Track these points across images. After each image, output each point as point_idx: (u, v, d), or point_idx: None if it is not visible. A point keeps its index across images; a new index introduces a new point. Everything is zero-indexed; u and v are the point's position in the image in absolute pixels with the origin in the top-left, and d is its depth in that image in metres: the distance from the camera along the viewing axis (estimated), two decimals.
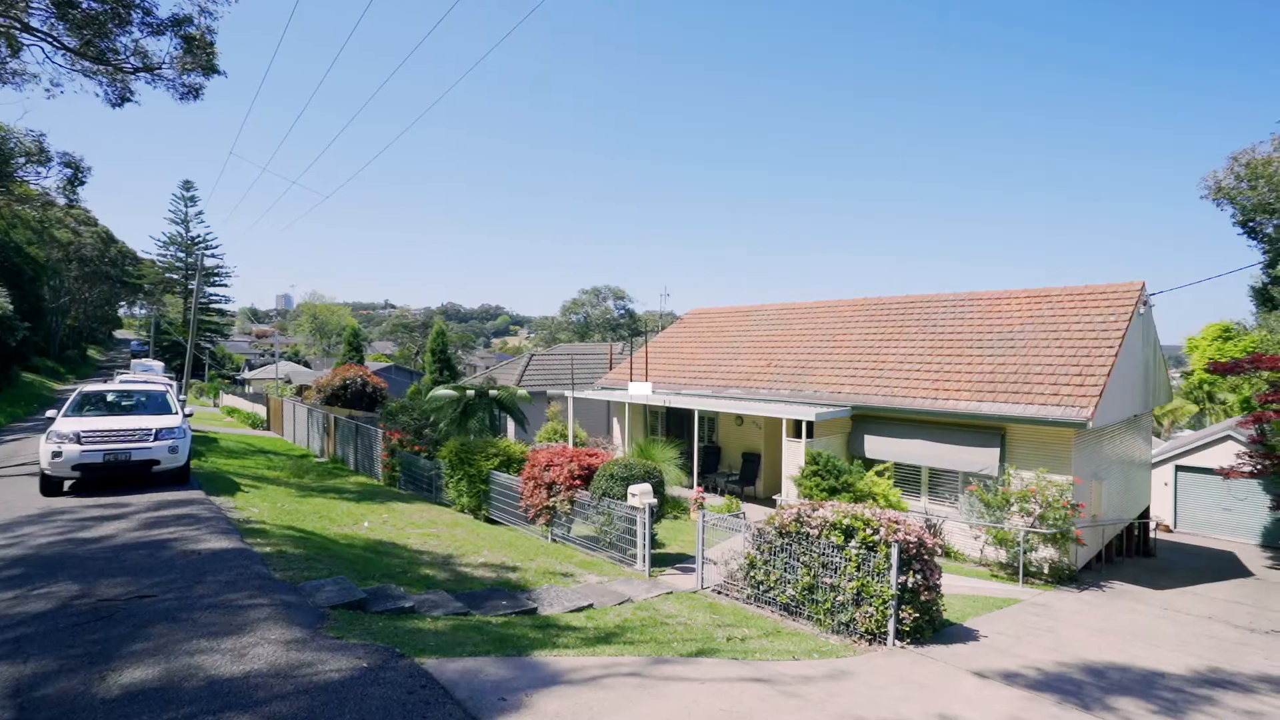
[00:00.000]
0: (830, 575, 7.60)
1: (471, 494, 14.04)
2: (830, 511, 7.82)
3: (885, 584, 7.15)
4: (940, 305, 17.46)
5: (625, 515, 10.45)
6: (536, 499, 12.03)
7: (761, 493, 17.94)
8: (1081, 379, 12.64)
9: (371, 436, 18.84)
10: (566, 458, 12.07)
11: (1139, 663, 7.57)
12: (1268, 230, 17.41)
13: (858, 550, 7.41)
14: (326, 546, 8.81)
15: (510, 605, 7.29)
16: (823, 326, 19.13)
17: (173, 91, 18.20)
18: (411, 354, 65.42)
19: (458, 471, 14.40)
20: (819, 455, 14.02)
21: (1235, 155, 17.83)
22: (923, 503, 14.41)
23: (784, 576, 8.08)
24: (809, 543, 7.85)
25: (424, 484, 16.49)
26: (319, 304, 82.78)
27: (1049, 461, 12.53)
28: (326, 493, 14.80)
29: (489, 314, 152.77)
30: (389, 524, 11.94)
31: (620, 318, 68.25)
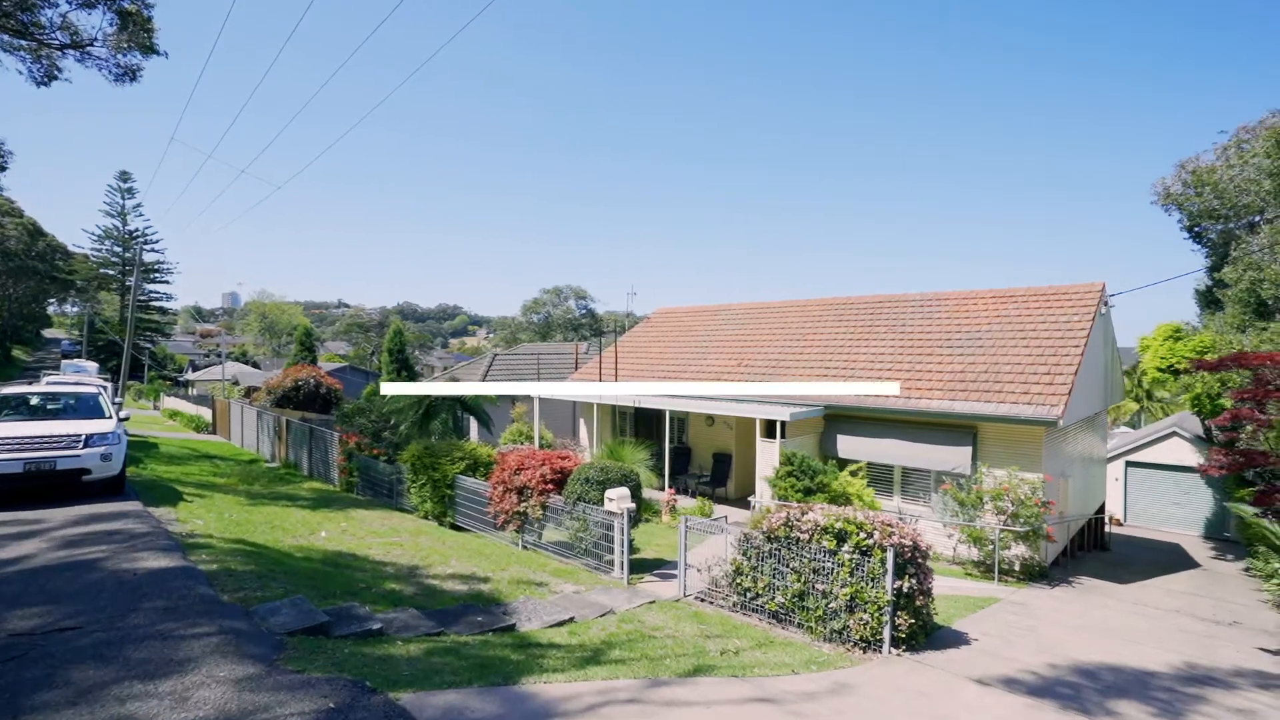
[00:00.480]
0: (822, 581, 7.29)
1: (436, 499, 13.33)
2: (821, 515, 7.51)
3: (880, 590, 6.87)
4: (908, 305, 17.50)
5: (602, 521, 9.97)
6: (506, 504, 11.44)
7: (733, 494, 17.67)
8: (1050, 378, 12.73)
9: (326, 440, 17.85)
10: (538, 461, 11.51)
11: (1126, 661, 7.49)
12: (1212, 235, 18.04)
13: (851, 555, 7.11)
14: (281, 561, 8.07)
15: (486, 621, 6.73)
16: (792, 326, 18.99)
17: (106, 72, 16.87)
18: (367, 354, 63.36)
19: (421, 476, 13.66)
20: (793, 455, 13.79)
21: (1183, 163, 18.46)
22: (895, 501, 14.34)
23: (773, 583, 7.74)
24: (799, 548, 7.52)
25: (384, 489, 15.65)
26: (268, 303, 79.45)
27: (1019, 460, 12.56)
28: (279, 500, 13.86)
29: (446, 314, 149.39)
30: (348, 533, 11.17)
31: (582, 317, 67.54)
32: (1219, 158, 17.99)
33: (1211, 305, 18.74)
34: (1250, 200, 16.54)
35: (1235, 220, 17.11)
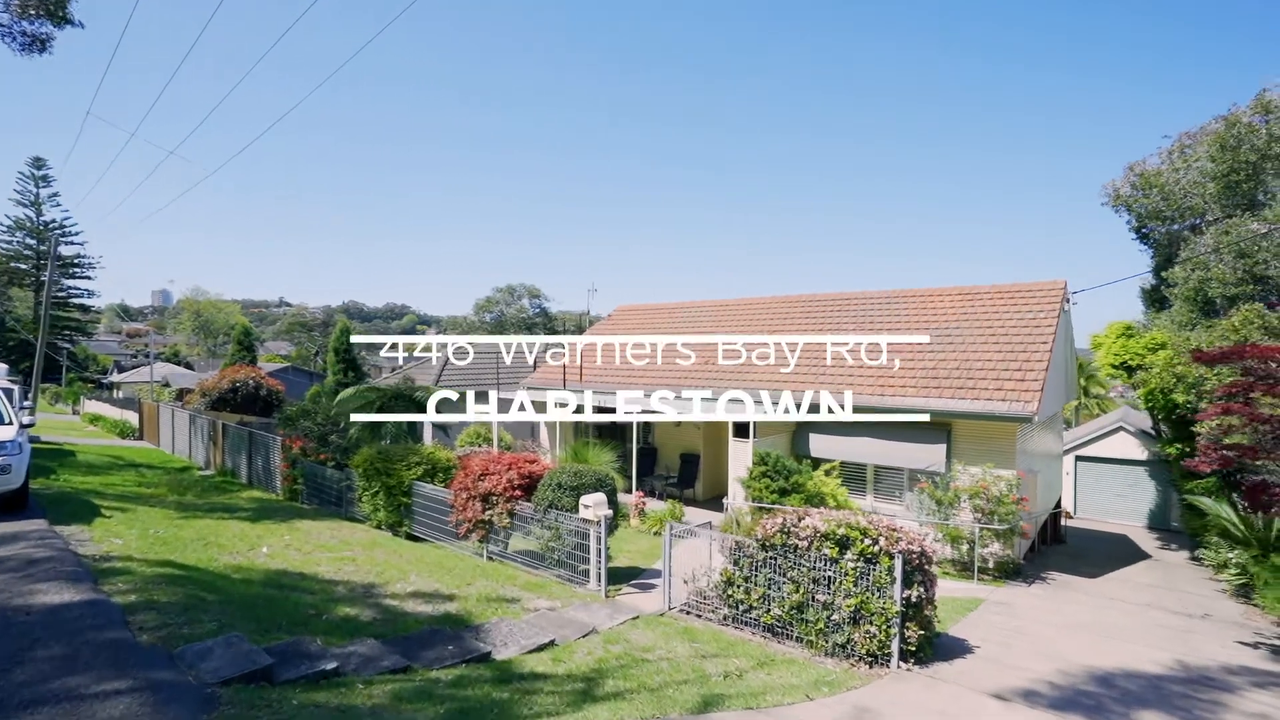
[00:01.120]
0: (823, 592, 6.73)
1: (390, 508, 12.28)
2: (820, 520, 6.96)
3: (888, 600, 6.35)
4: (873, 302, 17.32)
5: (576, 529, 9.20)
6: (470, 513, 10.53)
7: (701, 495, 17.13)
8: (1022, 374, 12.62)
9: (268, 445, 16.44)
10: (504, 465, 10.65)
11: (1127, 664, 7.21)
12: (1159, 236, 18.54)
13: (855, 563, 6.57)
14: (214, 585, 7.01)
15: (458, 650, 5.89)
16: (759, 323, 18.59)
17: (10, 40, 15.05)
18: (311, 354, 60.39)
19: (374, 483, 12.57)
20: (767, 455, 13.32)
21: (1131, 165, 18.94)
22: (869, 501, 14.04)
23: (768, 595, 7.15)
24: (797, 556, 6.95)
25: (332, 497, 14.44)
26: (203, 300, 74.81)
27: (993, 457, 12.40)
28: (214, 512, 12.54)
29: (394, 313, 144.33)
30: (293, 548, 10.06)
31: (535, 316, 66.15)
32: (1163, 162, 18.51)
33: (1157, 304, 19.28)
34: (1195, 203, 17.02)
35: (1180, 222, 17.61)
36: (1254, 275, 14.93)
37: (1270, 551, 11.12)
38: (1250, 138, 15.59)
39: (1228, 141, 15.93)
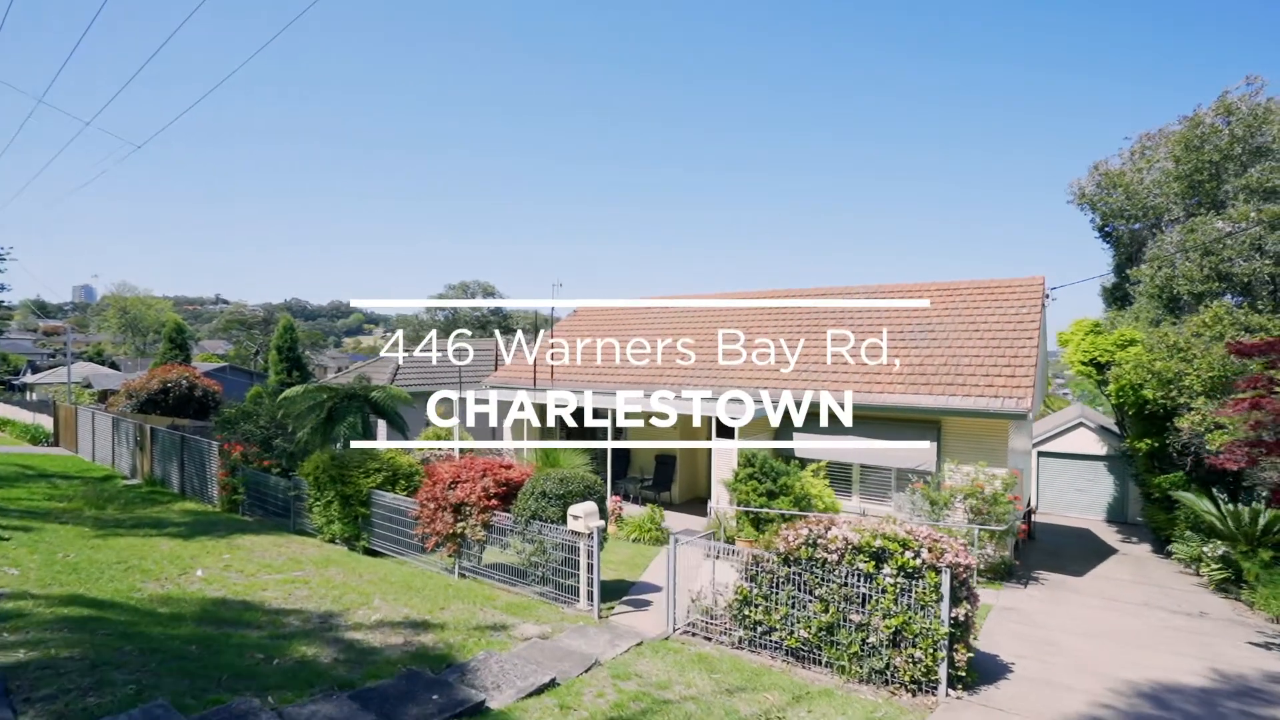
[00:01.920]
0: (857, 611, 5.96)
1: (346, 520, 10.97)
2: (851, 531, 6.18)
3: (934, 620, 5.62)
4: (851, 297, 16.84)
5: (563, 542, 8.20)
6: (439, 525, 9.39)
7: (677, 498, 16.30)
8: (1012, 370, 12.27)
9: (203, 450, 14.76)
10: (477, 471, 9.55)
11: (1169, 676, 6.71)
12: (1122, 234, 18.71)
13: (894, 579, 5.82)
14: (135, 627, 5.73)
15: (445, 701, 4.84)
16: (732, 320, 17.90)
17: None
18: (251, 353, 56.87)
19: (327, 492, 11.23)
20: (754, 456, 12.58)
21: (1096, 164, 19.06)
22: (854, 501, 13.48)
23: (792, 614, 6.33)
24: (826, 571, 6.16)
25: (278, 508, 12.98)
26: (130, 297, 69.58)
27: (985, 455, 11.99)
28: (139, 529, 10.98)
29: (340, 311, 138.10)
30: (234, 569, 8.72)
31: (490, 314, 64.17)
32: (1124, 162, 18.69)
33: (1118, 302, 19.48)
34: (1158, 202, 17.18)
35: (1144, 220, 17.78)
36: (1219, 273, 15.07)
37: (1258, 546, 11.02)
38: (1213, 138, 15.78)
39: (1192, 141, 16.10)
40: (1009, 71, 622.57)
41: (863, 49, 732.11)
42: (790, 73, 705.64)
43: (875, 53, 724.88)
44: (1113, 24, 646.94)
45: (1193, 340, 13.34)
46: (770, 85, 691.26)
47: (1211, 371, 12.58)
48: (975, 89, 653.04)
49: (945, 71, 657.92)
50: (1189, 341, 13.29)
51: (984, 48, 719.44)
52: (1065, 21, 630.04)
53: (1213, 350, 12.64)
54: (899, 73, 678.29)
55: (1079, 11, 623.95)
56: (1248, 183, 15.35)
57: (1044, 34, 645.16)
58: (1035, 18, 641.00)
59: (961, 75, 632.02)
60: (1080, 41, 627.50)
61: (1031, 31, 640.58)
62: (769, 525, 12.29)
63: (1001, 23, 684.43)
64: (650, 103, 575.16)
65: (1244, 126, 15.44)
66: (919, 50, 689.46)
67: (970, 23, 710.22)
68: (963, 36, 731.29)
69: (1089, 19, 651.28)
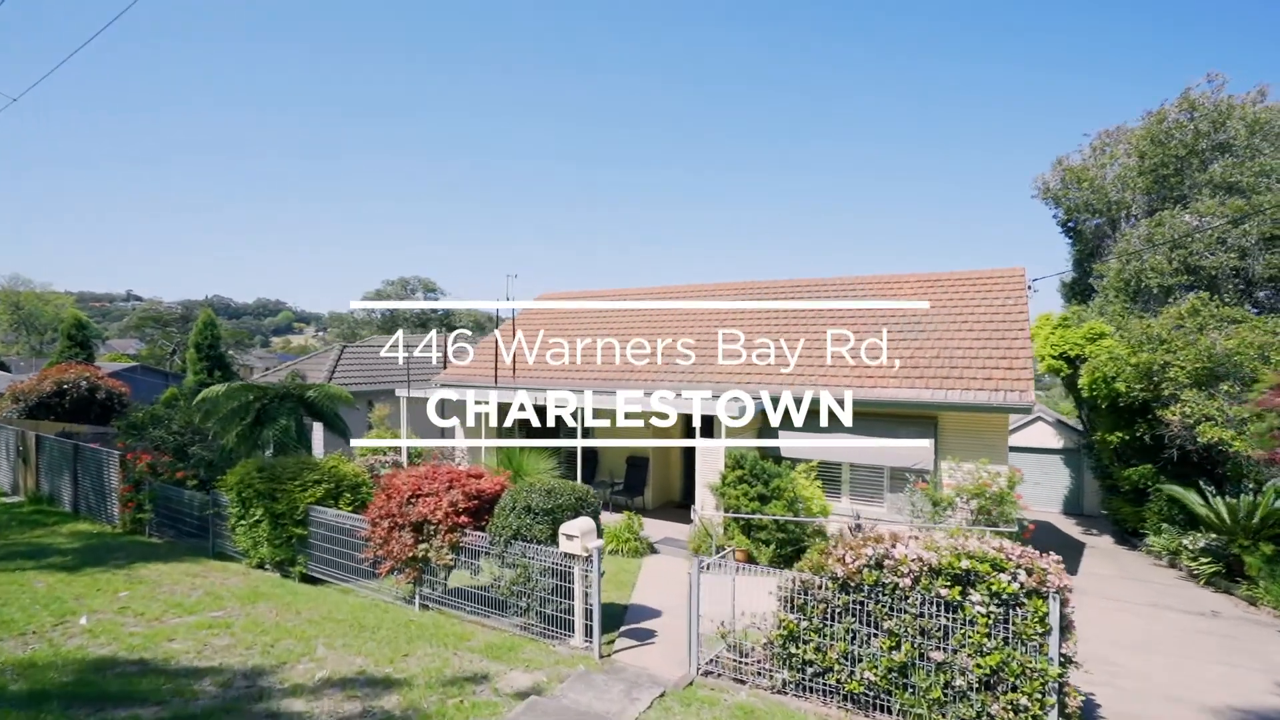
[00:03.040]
0: (938, 647, 4.82)
1: (278, 541, 9.15)
2: (924, 549, 5.05)
3: (1041, 658, 4.53)
4: (829, 289, 16.01)
5: (554, 567, 6.77)
6: (396, 547, 7.76)
7: (651, 504, 15.01)
8: (1009, 362, 11.59)
9: (101, 461, 12.44)
10: (442, 483, 7.98)
11: (1248, 699, 5.91)
12: (1086, 229, 18.67)
13: (986, 607, 4.71)
14: None
15: None
16: (706, 309, 16.76)
17: None
18: (167, 353, 51.94)
19: (255, 508, 9.36)
20: (743, 457, 11.45)
21: (1059, 159, 18.98)
22: (845, 503, 12.55)
23: (852, 652, 5.14)
24: (896, 599, 5.00)
25: (193, 527, 10.94)
26: (24, 291, 62.57)
27: (985, 451, 11.25)
28: (11, 560, 8.83)
29: (267, 309, 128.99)
30: (133, 612, 6.86)
31: (432, 312, 61.12)
32: (1087, 159, 18.67)
33: (1079, 297, 19.47)
34: (1121, 197, 17.13)
35: (1107, 215, 17.74)
36: (1188, 266, 15.03)
37: (1258, 539, 10.69)
38: (1178, 133, 15.77)
39: (1157, 136, 16.08)
40: (964, 67, 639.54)
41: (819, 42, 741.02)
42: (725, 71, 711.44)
43: (831, 48, 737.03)
44: (1069, 19, 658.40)
45: (1174, 332, 13.08)
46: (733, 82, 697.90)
47: (1198, 363, 12.31)
48: (926, 84, 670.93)
49: (903, 66, 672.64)
50: (1171, 333, 13.02)
51: (929, 41, 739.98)
52: (1020, 18, 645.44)
53: (1199, 341, 12.37)
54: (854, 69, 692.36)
55: (1033, 6, 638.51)
56: (1211, 177, 15.40)
57: (995, 29, 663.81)
58: (985, 8, 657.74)
59: (914, 69, 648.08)
60: (1034, 37, 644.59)
61: (981, 23, 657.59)
62: (761, 532, 11.18)
63: (949, 14, 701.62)
64: (649, 103, 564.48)
65: (1208, 122, 15.49)
66: (886, 47, 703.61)
67: (918, 18, 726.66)
68: (917, 30, 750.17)
69: (1045, 14, 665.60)
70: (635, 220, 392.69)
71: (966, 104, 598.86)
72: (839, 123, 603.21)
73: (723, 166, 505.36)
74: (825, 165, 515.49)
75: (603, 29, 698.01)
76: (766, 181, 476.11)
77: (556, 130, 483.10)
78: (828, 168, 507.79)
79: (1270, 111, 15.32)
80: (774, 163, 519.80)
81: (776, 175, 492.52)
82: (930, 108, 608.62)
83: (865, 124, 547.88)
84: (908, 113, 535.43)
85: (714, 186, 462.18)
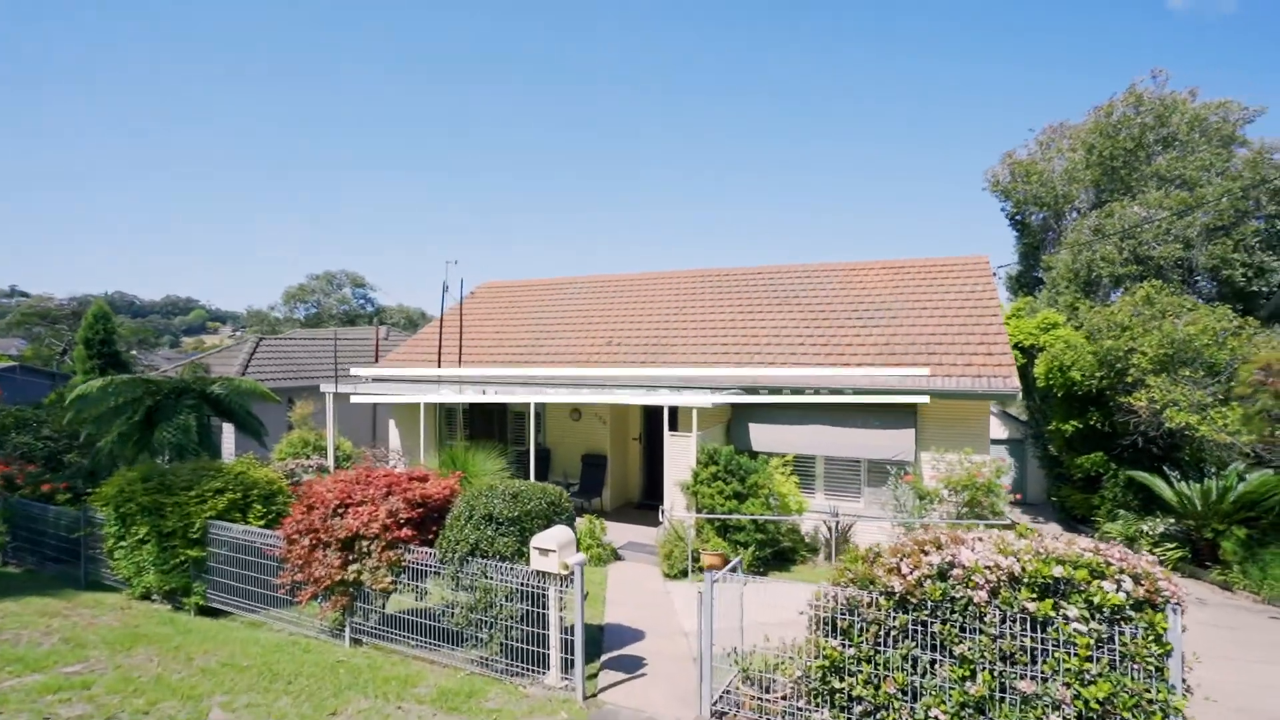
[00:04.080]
0: (1027, 677, 3.83)
1: (168, 566, 7.36)
2: (998, 553, 4.06)
3: (1161, 686, 3.61)
4: (792, 276, 15.24)
5: (524, 589, 5.44)
6: (321, 569, 6.22)
7: (609, 504, 13.76)
8: (987, 349, 11.05)
9: None
10: (379, 487, 6.50)
11: None
12: (1034, 222, 18.76)
13: (1086, 624, 3.76)
14: None
15: None
16: (664, 300, 15.67)
17: None
18: (57, 353, 46.34)
19: (139, 525, 7.52)
20: (717, 452, 10.40)
21: (1007, 153, 19.01)
22: (820, 499, 11.69)
23: (913, 685, 4.10)
24: (967, 616, 3.99)
25: (61, 551, 8.88)
26: None
27: (967, 441, 10.63)
28: None
29: (177, 307, 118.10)
30: None
31: (361, 309, 57.44)
32: (1031, 153, 18.77)
33: (1025, 288, 19.57)
34: (1068, 190, 17.22)
35: (1054, 209, 17.84)
36: (1137, 256, 15.12)
37: (1231, 523, 10.51)
38: (1125, 127, 15.91)
39: (1106, 129, 16.18)
40: (900, 62, 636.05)
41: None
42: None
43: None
44: (1004, 13, 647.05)
45: (1134, 319, 12.97)
46: None
47: (1161, 348, 12.18)
48: (844, 76, 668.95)
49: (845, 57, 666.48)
50: (1132, 320, 12.90)
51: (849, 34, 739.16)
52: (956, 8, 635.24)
53: (1163, 326, 12.25)
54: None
55: None
56: (1157, 170, 15.59)
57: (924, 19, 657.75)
58: None
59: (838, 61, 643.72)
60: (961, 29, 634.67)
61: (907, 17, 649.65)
62: (739, 533, 10.15)
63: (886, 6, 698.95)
64: (649, 102, 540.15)
65: (1153, 116, 15.67)
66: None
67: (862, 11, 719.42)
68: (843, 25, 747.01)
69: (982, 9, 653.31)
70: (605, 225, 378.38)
71: (904, 96, 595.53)
72: (809, 120, 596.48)
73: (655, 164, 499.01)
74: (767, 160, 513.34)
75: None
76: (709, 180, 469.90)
77: (555, 131, 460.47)
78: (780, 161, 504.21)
79: (1208, 108, 15.66)
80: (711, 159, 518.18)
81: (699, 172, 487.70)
82: (867, 102, 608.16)
83: (822, 120, 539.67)
84: (862, 107, 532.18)
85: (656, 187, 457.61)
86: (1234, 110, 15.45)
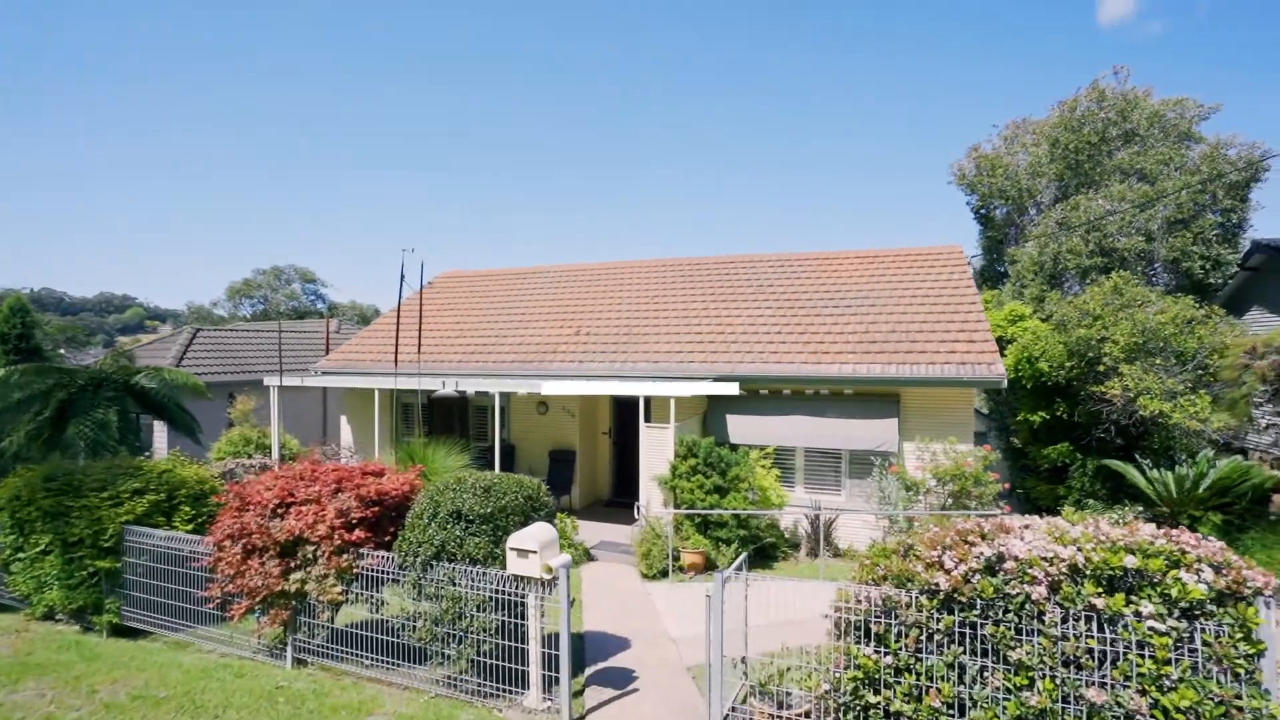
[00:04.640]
0: (1094, 684, 3.30)
1: (75, 580, 6.30)
2: (1055, 542, 3.52)
3: (1254, 691, 3.12)
4: (766, 265, 14.79)
5: (499, 596, 4.69)
6: (256, 579, 5.31)
7: (578, 503, 13.00)
8: (969, 337, 10.77)
9: None
10: (327, 484, 5.63)
11: None
12: (998, 215, 18.83)
13: (1163, 621, 3.25)
14: None
15: None
16: (634, 289, 15.01)
17: None
18: None
19: (40, 534, 6.43)
20: (696, 445, 9.80)
21: (973, 147, 19.02)
22: (800, 493, 11.21)
23: (961, 698, 3.52)
24: (1026, 616, 3.44)
25: None
26: None
27: (950, 430, 10.31)
28: None
29: (112, 305, 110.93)
30: None
31: (311, 305, 54.95)
32: (995, 148, 18.85)
33: (989, 281, 19.65)
34: (1032, 184, 17.31)
35: (1017, 202, 17.92)
36: (1103, 248, 15.22)
37: (1206, 509, 10.47)
38: (1090, 121, 16.04)
39: (1070, 123, 16.29)
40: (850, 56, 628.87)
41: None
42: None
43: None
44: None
45: (1106, 308, 12.95)
46: None
47: (1133, 337, 12.16)
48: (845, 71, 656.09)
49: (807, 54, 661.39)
50: (1104, 309, 12.88)
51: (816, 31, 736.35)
52: None
53: (1135, 315, 12.23)
54: None
55: None
56: (1120, 164, 15.76)
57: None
58: None
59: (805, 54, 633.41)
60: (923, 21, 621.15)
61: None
62: (721, 530, 9.55)
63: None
64: (648, 102, 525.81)
65: (1116, 110, 15.84)
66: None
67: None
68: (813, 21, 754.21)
69: None
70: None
71: (904, 96, 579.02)
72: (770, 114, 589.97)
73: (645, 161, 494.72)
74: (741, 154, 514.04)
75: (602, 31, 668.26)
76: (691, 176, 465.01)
77: (552, 131, 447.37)
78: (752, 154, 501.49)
79: (1166, 105, 15.92)
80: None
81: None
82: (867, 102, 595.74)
83: (822, 120, 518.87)
84: (830, 101, 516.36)
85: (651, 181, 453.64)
86: (1190, 107, 15.73)
